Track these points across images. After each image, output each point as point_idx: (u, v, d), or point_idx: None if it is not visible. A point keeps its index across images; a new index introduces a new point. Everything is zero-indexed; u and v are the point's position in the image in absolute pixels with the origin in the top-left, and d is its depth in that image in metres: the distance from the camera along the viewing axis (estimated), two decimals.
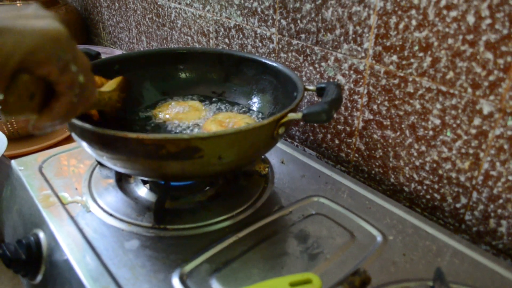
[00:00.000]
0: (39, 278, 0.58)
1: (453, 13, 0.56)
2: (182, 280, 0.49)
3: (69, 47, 0.40)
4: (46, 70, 0.39)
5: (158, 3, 1.17)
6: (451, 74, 0.59)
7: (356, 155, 0.76)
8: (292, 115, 0.53)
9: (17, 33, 0.36)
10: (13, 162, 0.72)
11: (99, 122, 0.61)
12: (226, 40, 0.97)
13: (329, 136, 0.80)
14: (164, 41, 1.21)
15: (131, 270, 0.50)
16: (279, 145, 0.79)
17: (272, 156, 0.75)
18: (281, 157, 0.75)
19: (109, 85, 0.63)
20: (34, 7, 0.41)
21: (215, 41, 1.00)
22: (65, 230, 0.57)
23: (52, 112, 0.41)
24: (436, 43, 0.59)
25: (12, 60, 0.36)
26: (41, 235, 0.59)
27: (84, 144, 0.54)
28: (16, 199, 0.69)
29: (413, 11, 0.60)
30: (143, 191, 0.65)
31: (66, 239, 0.55)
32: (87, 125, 0.49)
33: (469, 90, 0.58)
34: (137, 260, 0.52)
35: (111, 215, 0.59)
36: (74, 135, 0.55)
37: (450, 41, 0.58)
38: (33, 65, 0.38)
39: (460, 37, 0.57)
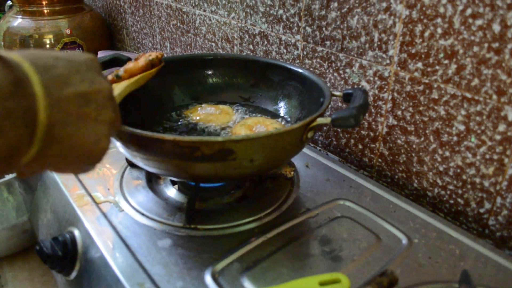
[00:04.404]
0: (74, 274, 0.60)
1: (479, 22, 0.58)
2: (214, 278, 0.51)
3: (99, 161, 0.42)
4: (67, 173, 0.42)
5: (183, 10, 1.19)
6: (476, 81, 0.60)
7: (380, 160, 0.78)
8: (321, 120, 0.54)
9: (67, 149, 0.37)
10: None
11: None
12: (251, 46, 0.99)
13: (352, 141, 0.82)
14: (188, 47, 1.23)
15: (165, 268, 0.52)
16: (303, 149, 0.80)
17: (296, 160, 0.77)
18: (306, 161, 0.77)
19: (139, 80, 0.64)
20: (102, 99, 0.40)
21: (240, 48, 1.02)
22: (100, 228, 0.59)
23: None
24: (461, 51, 0.61)
25: (45, 169, 0.38)
26: (76, 232, 0.61)
27: (119, 145, 0.56)
28: (49, 198, 0.71)
29: (439, 20, 0.62)
30: (172, 192, 0.67)
31: (101, 237, 0.57)
32: (125, 127, 0.51)
33: (494, 96, 0.59)
34: (170, 258, 0.54)
35: (143, 214, 0.61)
36: None
37: (475, 49, 0.59)
38: (62, 171, 0.41)
39: (486, 45, 0.58)
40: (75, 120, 0.37)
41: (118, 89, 0.60)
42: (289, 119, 0.75)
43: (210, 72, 0.82)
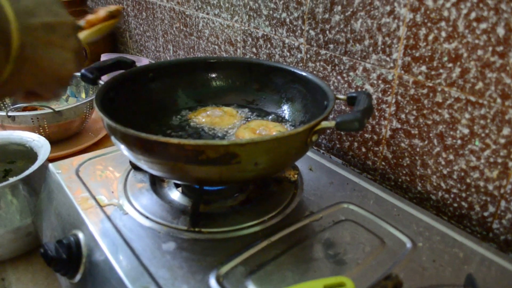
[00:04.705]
0: (78, 277, 0.60)
1: (483, 25, 0.58)
2: (218, 281, 0.51)
3: (69, 83, 0.53)
4: (43, 94, 0.50)
5: (186, 13, 1.20)
6: (480, 85, 0.60)
7: (383, 163, 0.78)
8: (325, 123, 0.54)
9: (38, 69, 0.45)
10: (50, 165, 0.75)
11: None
12: (254, 49, 0.99)
13: (355, 144, 0.82)
14: (191, 50, 1.24)
15: (169, 271, 0.52)
16: (307, 152, 0.81)
17: (300, 163, 0.77)
18: (309, 164, 0.77)
19: (99, 30, 0.70)
20: (66, 30, 0.47)
21: (243, 50, 1.03)
22: (104, 231, 0.59)
23: (30, 100, 0.51)
24: (465, 54, 0.61)
25: (23, 88, 0.47)
26: (81, 235, 0.61)
27: (123, 148, 0.56)
28: (53, 201, 0.72)
29: (443, 23, 0.62)
30: (176, 195, 0.67)
31: (105, 240, 0.57)
32: (129, 130, 0.51)
33: (498, 100, 0.59)
34: (174, 261, 0.54)
35: (147, 217, 0.61)
36: (113, 139, 0.58)
37: (479, 52, 0.59)
38: (37, 90, 0.49)
39: (490, 48, 0.58)
40: (43, 44, 0.44)
41: (81, 36, 0.64)
42: (292, 123, 0.75)
43: (213, 75, 0.82)
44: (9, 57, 0.40)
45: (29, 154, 0.87)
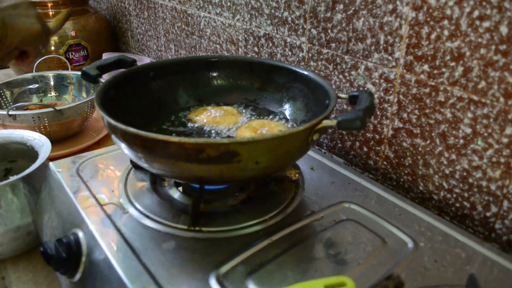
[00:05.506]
0: (78, 276, 0.60)
1: (486, 24, 0.57)
2: (219, 280, 0.50)
3: (40, 38, 0.83)
4: (27, 48, 0.82)
5: (188, 12, 1.19)
6: (483, 84, 0.60)
7: (385, 162, 0.77)
8: (326, 122, 0.54)
9: (16, 30, 0.76)
10: (51, 164, 0.75)
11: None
12: (256, 48, 0.99)
13: (357, 143, 0.81)
14: (193, 49, 1.23)
15: (169, 270, 0.52)
16: (308, 152, 0.80)
17: (301, 162, 0.76)
18: (310, 164, 0.76)
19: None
20: (25, 6, 0.79)
21: (244, 50, 1.02)
22: (104, 230, 0.59)
23: (24, 62, 0.87)
24: (468, 53, 0.60)
25: (13, 45, 0.78)
26: (81, 234, 0.61)
27: (124, 146, 0.56)
28: (53, 200, 0.71)
29: (446, 22, 0.62)
30: (176, 194, 0.67)
31: (105, 239, 0.57)
32: (130, 128, 0.51)
33: (501, 99, 0.58)
34: (174, 261, 0.53)
35: (147, 216, 0.61)
36: (114, 137, 0.57)
37: (482, 51, 0.59)
38: (22, 46, 0.80)
39: (493, 47, 0.57)
40: (14, 16, 0.75)
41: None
42: (294, 122, 0.75)
43: (215, 74, 0.82)
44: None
45: (30, 153, 0.87)
